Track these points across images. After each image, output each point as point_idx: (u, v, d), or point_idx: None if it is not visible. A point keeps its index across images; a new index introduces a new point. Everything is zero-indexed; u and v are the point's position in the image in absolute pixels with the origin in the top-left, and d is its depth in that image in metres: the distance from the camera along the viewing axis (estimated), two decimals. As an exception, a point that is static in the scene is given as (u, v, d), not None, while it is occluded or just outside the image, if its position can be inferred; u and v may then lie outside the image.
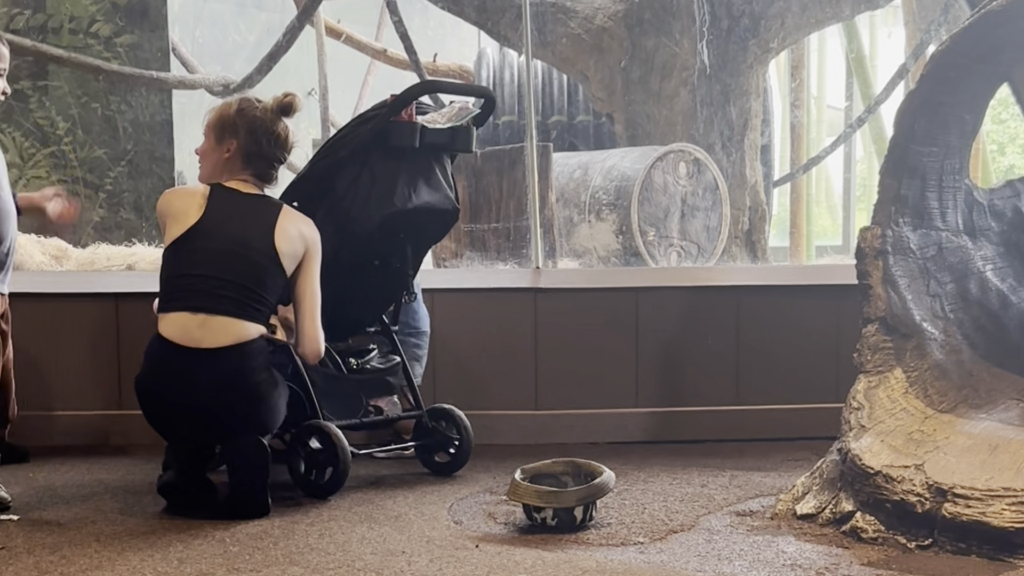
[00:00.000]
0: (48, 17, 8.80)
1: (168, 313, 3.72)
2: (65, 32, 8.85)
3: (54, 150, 8.36)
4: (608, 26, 7.08)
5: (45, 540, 3.43)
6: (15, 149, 8.24)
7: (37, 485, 4.14)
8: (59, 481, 4.20)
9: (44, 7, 8.82)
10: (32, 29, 8.67)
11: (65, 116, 8.32)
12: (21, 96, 8.45)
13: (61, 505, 3.85)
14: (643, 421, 4.91)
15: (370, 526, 3.57)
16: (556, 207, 6.09)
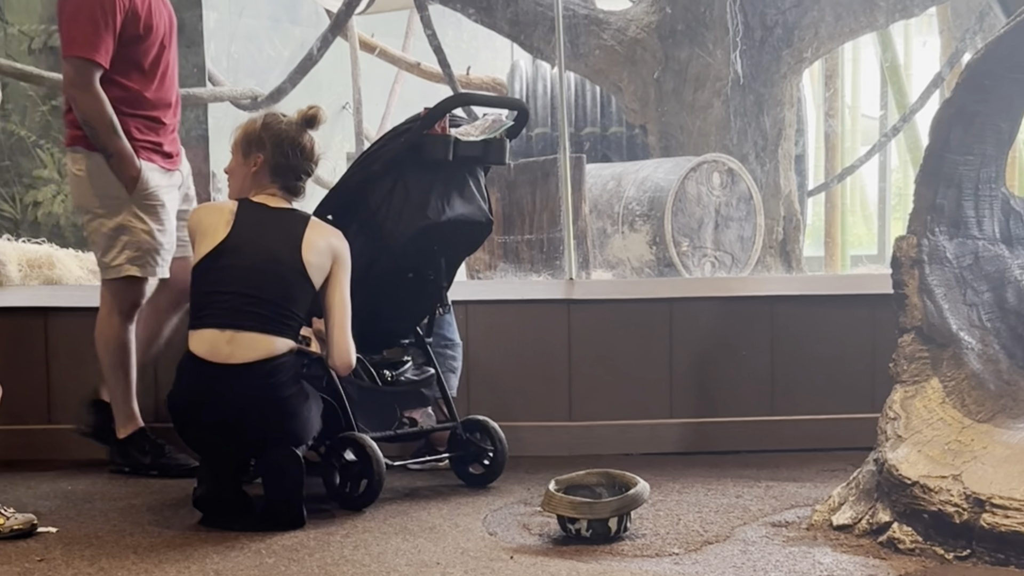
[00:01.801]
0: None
1: (198, 330, 3.74)
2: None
3: (91, 165, 8.43)
4: (641, 38, 7.09)
5: (83, 552, 3.45)
6: (53, 165, 8.31)
7: (75, 498, 4.16)
8: (96, 494, 4.23)
9: (81, 23, 8.89)
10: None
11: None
12: (59, 112, 8.52)
13: (99, 517, 3.87)
14: (677, 432, 4.89)
15: (405, 538, 3.57)
16: (589, 218, 6.09)
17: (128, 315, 4.41)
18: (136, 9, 4.24)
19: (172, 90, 4.45)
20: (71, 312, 4.87)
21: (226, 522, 3.70)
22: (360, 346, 4.02)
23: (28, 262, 5.18)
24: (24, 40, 8.72)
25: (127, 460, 4.51)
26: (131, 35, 4.24)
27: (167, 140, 4.42)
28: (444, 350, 4.56)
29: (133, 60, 4.30)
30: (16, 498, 4.12)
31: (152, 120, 4.37)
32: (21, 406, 4.80)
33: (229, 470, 3.78)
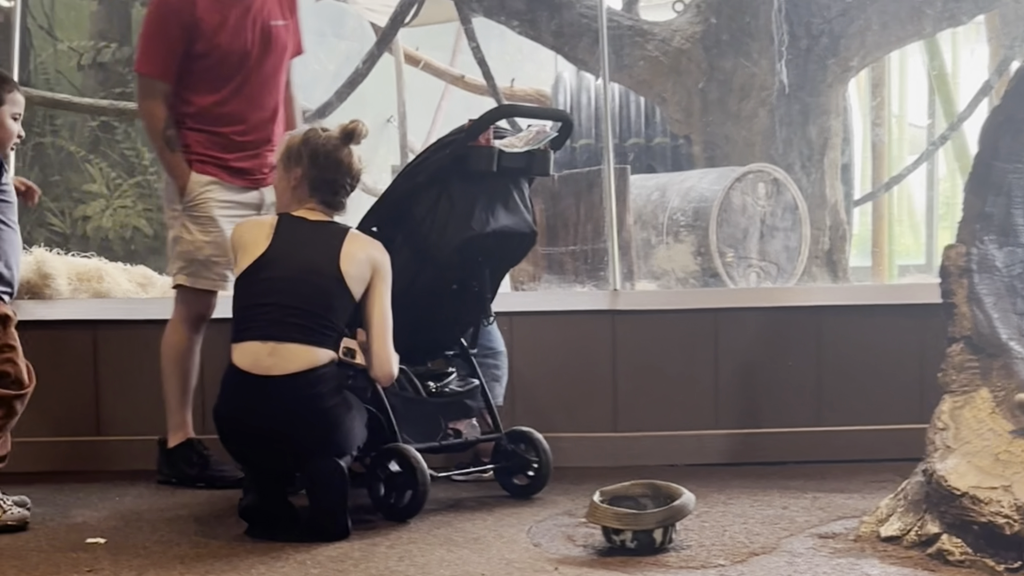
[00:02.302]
0: (134, 50, 8.97)
1: (240, 343, 3.77)
2: (151, 64, 9.00)
3: (140, 180, 8.52)
4: (686, 48, 7.06)
5: (131, 563, 3.48)
6: (102, 179, 8.41)
7: (123, 509, 4.20)
8: (144, 505, 4.26)
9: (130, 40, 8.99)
10: (118, 61, 8.85)
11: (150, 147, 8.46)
12: (107, 128, 8.63)
13: (146, 528, 3.90)
14: (723, 443, 4.87)
15: (449, 548, 3.57)
16: (634, 229, 6.07)
17: (192, 325, 4.49)
18: (201, 27, 4.36)
19: (252, 108, 4.48)
20: (119, 325, 4.93)
21: (271, 533, 3.72)
22: (405, 357, 4.04)
23: (77, 276, 5.22)
24: (74, 56, 8.84)
25: (173, 471, 4.55)
26: (199, 52, 4.37)
27: (237, 156, 4.47)
28: (488, 359, 4.57)
29: (201, 76, 4.42)
30: (65, 508, 4.17)
31: (217, 135, 4.45)
32: (70, 418, 4.87)
33: (274, 481, 3.80)
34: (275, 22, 4.48)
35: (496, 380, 4.58)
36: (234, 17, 4.40)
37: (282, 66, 4.54)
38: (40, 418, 4.64)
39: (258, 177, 4.42)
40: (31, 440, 4.58)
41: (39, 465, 4.69)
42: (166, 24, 4.39)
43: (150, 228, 8.44)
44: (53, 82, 8.58)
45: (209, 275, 4.49)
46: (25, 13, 8.19)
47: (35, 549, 3.64)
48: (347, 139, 3.96)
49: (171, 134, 4.45)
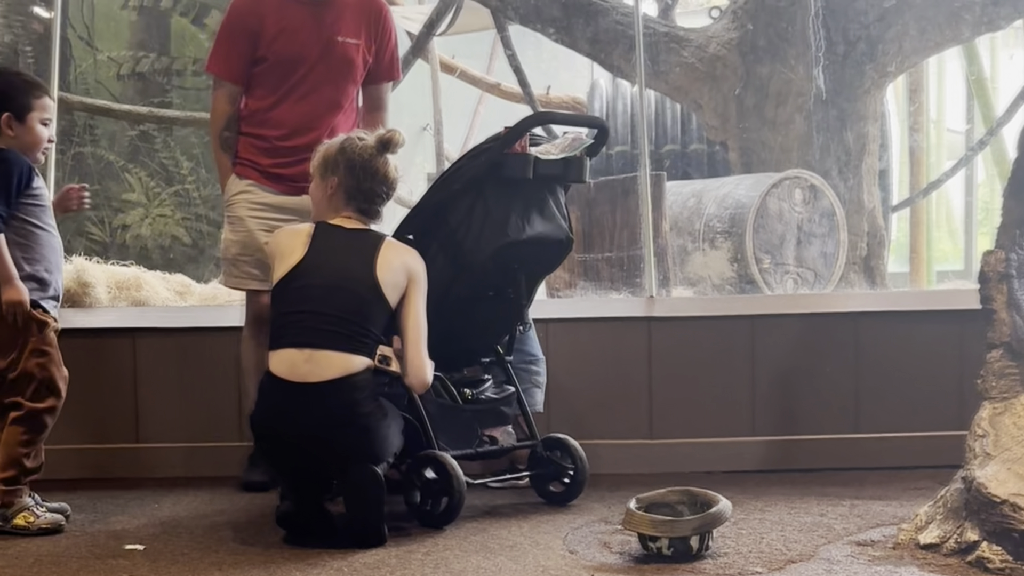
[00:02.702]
0: (172, 60, 9.05)
1: (277, 350, 3.79)
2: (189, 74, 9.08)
3: (178, 189, 8.58)
4: (722, 54, 7.05)
5: (169, 569, 3.50)
6: (141, 188, 8.46)
7: (162, 516, 4.22)
8: (183, 512, 4.29)
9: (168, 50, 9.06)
10: (157, 71, 8.92)
11: (189, 156, 8.53)
12: (147, 137, 8.69)
13: (184, 535, 3.92)
14: (760, 450, 4.85)
15: (485, 556, 3.57)
16: (670, 236, 6.06)
17: (251, 324, 4.56)
18: (264, 33, 4.46)
19: (298, 115, 4.52)
20: (158, 332, 4.96)
21: (308, 540, 3.73)
22: (440, 364, 4.04)
23: (116, 284, 5.26)
24: (113, 66, 8.90)
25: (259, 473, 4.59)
26: (259, 56, 4.49)
27: (276, 162, 4.52)
28: (528, 366, 4.58)
29: (258, 80, 4.54)
30: (104, 515, 4.20)
31: (261, 139, 4.51)
32: (109, 425, 4.90)
33: (311, 488, 3.81)
34: (344, 39, 4.51)
35: (538, 387, 4.59)
36: (296, 25, 4.46)
37: (343, 83, 4.54)
38: (80, 426, 4.69)
39: (300, 185, 4.45)
40: (71, 447, 4.63)
41: (79, 472, 4.73)
42: (233, 27, 4.54)
43: (188, 237, 8.50)
44: (93, 92, 8.65)
45: (237, 273, 4.57)
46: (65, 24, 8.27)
47: (75, 556, 3.67)
48: (383, 148, 3.97)
49: (227, 135, 4.59)
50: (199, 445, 4.89)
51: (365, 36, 4.57)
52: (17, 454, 3.94)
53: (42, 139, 4.03)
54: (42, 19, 8.32)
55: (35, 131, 4.00)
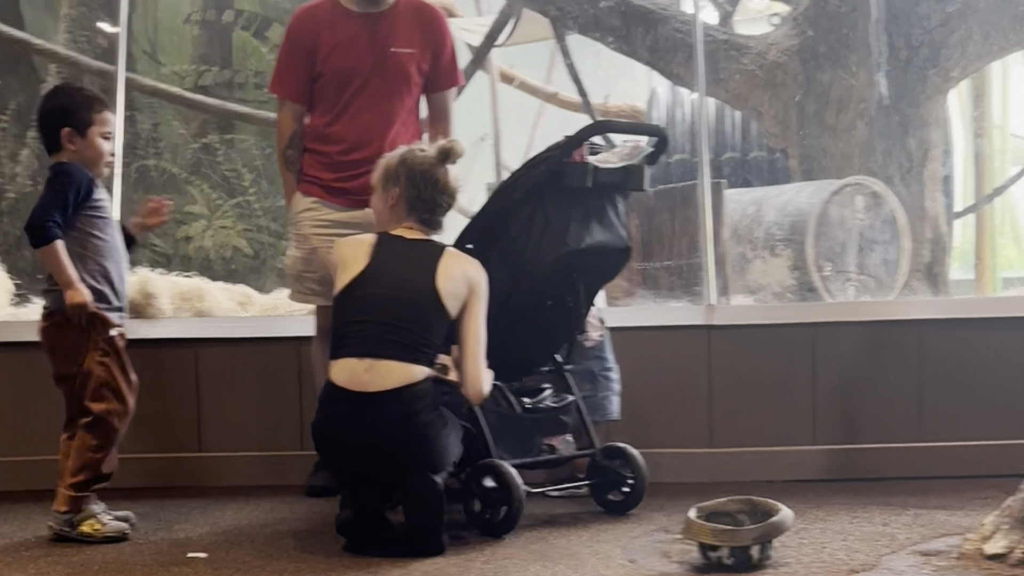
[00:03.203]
0: (234, 73, 9.15)
1: (338, 360, 3.81)
2: (250, 86, 9.18)
3: (240, 200, 8.67)
4: (782, 61, 7.01)
5: (230, 577, 3.53)
6: (203, 200, 8.56)
7: (224, 524, 4.26)
8: (245, 520, 4.32)
9: (231, 63, 9.17)
10: (219, 85, 9.02)
11: (250, 167, 8.62)
12: (209, 150, 8.79)
13: (246, 544, 3.95)
14: (821, 459, 4.81)
15: (544, 564, 3.57)
16: (729, 243, 6.03)
17: (321, 336, 4.58)
18: (320, 50, 4.50)
19: (357, 129, 4.54)
20: (220, 343, 5.01)
21: (368, 548, 3.75)
22: (499, 373, 4.05)
23: (179, 295, 5.32)
24: (176, 80, 9.01)
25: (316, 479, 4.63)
26: (316, 73, 4.53)
27: (338, 177, 4.54)
28: (608, 373, 4.58)
29: (318, 96, 4.58)
30: (167, 523, 4.24)
31: (323, 155, 4.55)
32: (173, 434, 4.96)
33: (371, 497, 3.83)
34: (397, 49, 4.53)
35: (616, 394, 4.59)
36: (349, 39, 4.49)
37: (398, 94, 4.56)
38: (144, 435, 4.74)
39: (362, 198, 4.46)
40: (136, 456, 4.67)
41: (143, 481, 4.78)
42: (290, 46, 4.60)
43: (250, 248, 8.58)
44: (156, 105, 8.76)
45: (302, 289, 4.63)
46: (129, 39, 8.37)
47: (139, 563, 3.71)
48: (444, 158, 3.98)
49: (291, 153, 4.64)
50: (261, 454, 4.93)
51: (420, 44, 4.57)
52: (88, 459, 3.98)
53: (104, 153, 4.07)
54: (107, 34, 8.45)
55: (96, 145, 4.05)
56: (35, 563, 3.74)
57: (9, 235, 7.47)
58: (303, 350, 4.82)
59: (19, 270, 5.68)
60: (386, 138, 4.50)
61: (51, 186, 3.98)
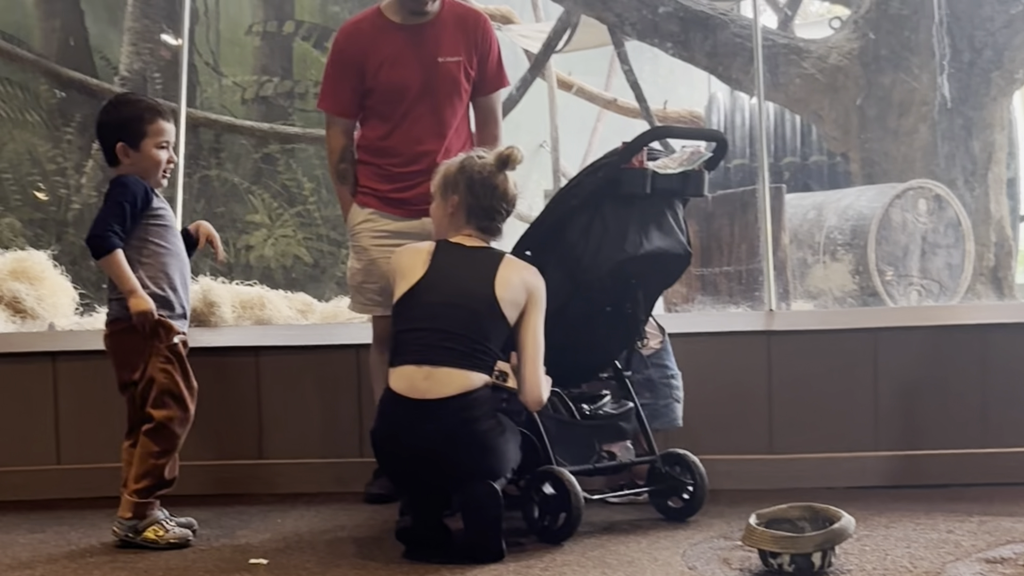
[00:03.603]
0: (295, 83, 9.23)
1: (397, 367, 3.82)
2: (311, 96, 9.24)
3: (300, 209, 8.74)
4: (843, 65, 6.98)
5: (291, 583, 3.56)
6: (264, 209, 8.63)
7: (285, 531, 4.28)
8: (305, 527, 4.34)
9: (291, 74, 9.25)
10: (280, 95, 9.11)
11: (310, 177, 8.68)
12: (270, 159, 8.87)
13: (306, 550, 3.97)
14: (883, 465, 4.76)
15: (603, 571, 3.56)
16: (789, 248, 6.00)
17: (377, 346, 4.61)
18: (367, 64, 4.51)
19: (411, 142, 4.55)
20: (280, 351, 5.04)
21: (427, 555, 3.75)
22: (558, 380, 4.04)
23: (241, 303, 5.38)
24: (238, 91, 9.11)
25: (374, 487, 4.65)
26: (367, 88, 4.54)
27: (395, 187, 4.56)
28: (670, 380, 4.57)
29: (370, 110, 4.59)
30: (229, 530, 4.27)
31: (377, 167, 4.57)
32: (234, 442, 4.99)
33: (430, 504, 3.83)
34: (445, 58, 4.54)
35: (678, 401, 4.57)
36: (396, 53, 4.50)
37: (450, 103, 4.58)
38: (206, 442, 4.78)
39: (420, 208, 4.48)
40: (198, 464, 4.71)
41: (205, 488, 4.82)
42: (337, 62, 4.61)
43: (309, 256, 8.65)
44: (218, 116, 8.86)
45: (362, 300, 4.65)
46: (192, 50, 8.48)
47: (201, 569, 3.74)
48: (503, 165, 3.98)
49: (343, 168, 4.66)
50: (321, 461, 4.95)
51: (466, 51, 4.58)
52: (151, 466, 4.03)
53: (160, 162, 4.11)
54: (170, 46, 8.56)
55: (151, 156, 4.08)
56: (100, 569, 3.78)
57: (75, 245, 7.57)
58: (363, 357, 4.84)
59: (84, 280, 5.76)
60: (440, 148, 4.52)
61: (108, 199, 4.03)
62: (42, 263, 5.50)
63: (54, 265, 5.55)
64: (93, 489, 4.81)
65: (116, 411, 4.20)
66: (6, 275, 5.35)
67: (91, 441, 4.94)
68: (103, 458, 4.73)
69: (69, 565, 3.86)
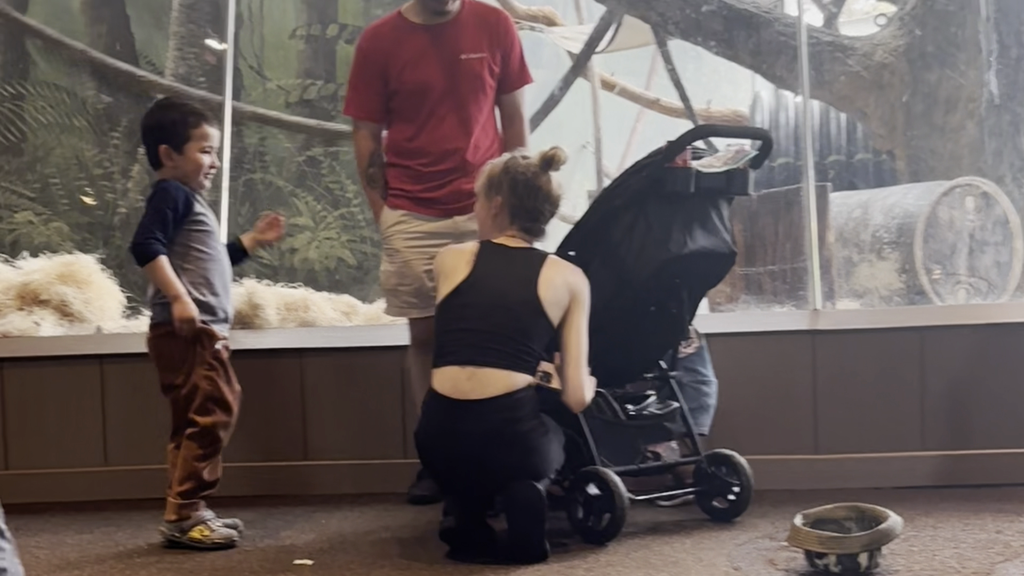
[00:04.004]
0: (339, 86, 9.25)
1: (440, 368, 3.82)
2: (354, 99, 9.26)
3: (344, 212, 8.76)
4: (888, 62, 6.92)
5: (335, 583, 3.57)
6: (308, 212, 8.66)
7: (329, 532, 4.30)
8: (349, 528, 4.36)
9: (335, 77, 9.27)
10: (324, 98, 9.14)
11: (354, 179, 8.69)
12: (313, 162, 8.90)
13: (351, 550, 3.99)
14: (931, 464, 4.71)
15: (648, 572, 3.54)
16: (834, 247, 5.95)
17: (416, 347, 4.63)
18: (391, 67, 4.52)
19: (438, 140, 4.54)
20: (325, 352, 5.06)
21: (471, 555, 3.76)
22: (603, 380, 4.04)
23: (285, 305, 5.39)
24: (282, 94, 9.15)
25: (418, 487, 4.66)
26: (391, 90, 4.54)
27: (425, 187, 4.56)
28: (700, 386, 4.54)
29: (396, 113, 4.59)
30: (274, 531, 4.30)
31: (406, 168, 4.57)
32: (278, 443, 5.02)
33: (474, 504, 3.84)
34: (467, 55, 4.54)
35: (705, 409, 4.54)
36: (419, 53, 4.51)
37: (474, 100, 4.57)
38: (251, 444, 4.81)
39: (452, 207, 4.48)
40: (243, 465, 4.74)
41: (250, 489, 4.85)
42: (361, 67, 4.61)
43: (353, 258, 8.67)
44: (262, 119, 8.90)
45: (397, 303, 4.64)
46: (236, 54, 8.52)
47: (247, 570, 3.76)
48: (547, 166, 3.98)
49: (372, 172, 4.65)
50: (365, 462, 4.96)
51: (489, 48, 4.57)
52: (194, 468, 4.06)
53: (202, 166, 4.14)
54: (214, 50, 8.61)
55: (194, 160, 4.11)
56: (147, 569, 3.81)
57: (121, 249, 7.63)
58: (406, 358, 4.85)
59: (131, 283, 5.80)
60: (468, 145, 4.52)
61: (150, 205, 4.08)
62: (89, 267, 5.54)
63: (101, 269, 5.58)
64: (140, 490, 4.86)
65: (162, 413, 4.23)
66: (54, 279, 5.39)
67: (138, 443, 4.98)
68: (149, 459, 4.77)
69: (116, 565, 3.89)
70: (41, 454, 5.06)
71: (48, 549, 4.16)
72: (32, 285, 5.37)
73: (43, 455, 5.05)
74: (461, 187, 4.45)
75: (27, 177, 8.33)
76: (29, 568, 3.66)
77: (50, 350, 5.09)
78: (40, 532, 4.44)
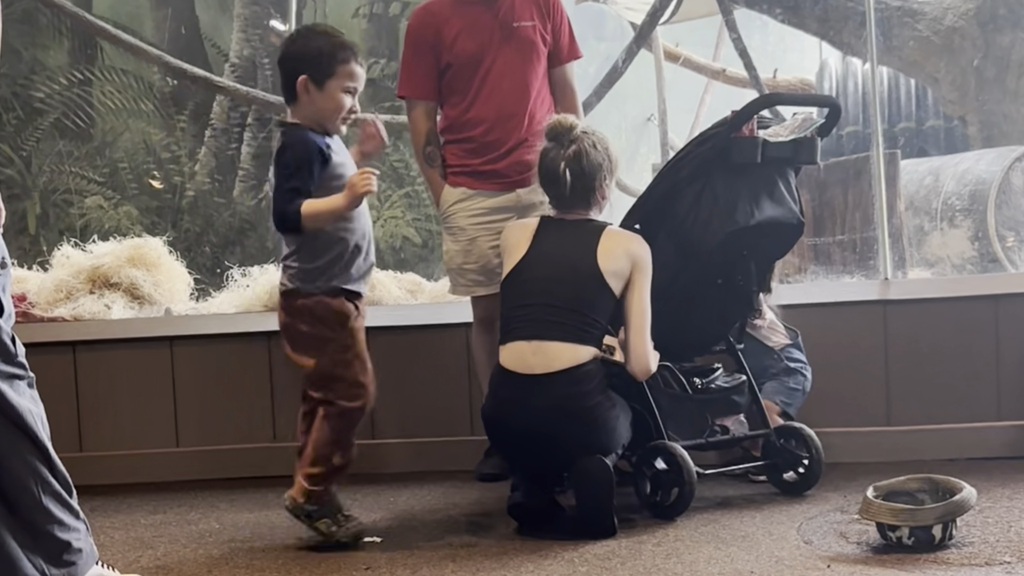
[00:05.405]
0: (401, 66, 9.27)
1: (507, 343, 3.82)
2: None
3: (408, 191, 8.77)
4: (959, 25, 6.81)
5: (406, 561, 3.58)
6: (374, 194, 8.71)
7: (397, 510, 4.31)
8: (417, 505, 4.37)
9: (397, 55, 9.28)
10: (387, 76, 9.14)
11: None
12: (383, 145, 8.94)
13: (419, 528, 4.00)
14: (1006, 435, 4.63)
15: (717, 546, 3.52)
16: (905, 216, 5.86)
17: (480, 325, 4.59)
18: (440, 41, 4.46)
19: (493, 108, 4.47)
20: (391, 331, 5.05)
21: (540, 531, 3.76)
22: (670, 354, 4.01)
23: (352, 284, 5.40)
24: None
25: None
26: (444, 65, 4.48)
27: (484, 160, 4.50)
28: (803, 370, 4.54)
29: (449, 87, 4.52)
30: (343, 509, 4.31)
31: (466, 141, 4.51)
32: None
33: (542, 480, 3.83)
34: (520, 23, 4.50)
35: (803, 392, 4.52)
36: (471, 23, 4.47)
37: (529, 66, 4.53)
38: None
39: (514, 179, 4.44)
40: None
41: (320, 467, 4.86)
42: (414, 45, 4.55)
43: (418, 237, 8.68)
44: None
45: (463, 282, 4.56)
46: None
47: (316, 547, 3.78)
48: (553, 138, 3.99)
49: (430, 150, 4.60)
50: (432, 440, 4.97)
51: (539, 18, 4.53)
52: (325, 452, 3.77)
53: (342, 107, 3.73)
54: (278, 32, 8.64)
55: (335, 98, 3.72)
56: (219, 548, 3.86)
57: (189, 232, 7.71)
58: (472, 335, 4.84)
59: (199, 265, 5.85)
60: (524, 111, 4.47)
61: (280, 162, 3.69)
62: (158, 250, 5.59)
63: (169, 251, 5.63)
64: (211, 471, 4.92)
65: (232, 394, 4.28)
66: (124, 262, 5.45)
67: (208, 424, 5.03)
68: (220, 440, 4.83)
69: (189, 544, 3.94)
70: (114, 436, 5.11)
71: (123, 529, 4.21)
72: (102, 268, 5.43)
73: (116, 437, 5.11)
74: (522, 157, 4.39)
75: (96, 162, 8.42)
76: (104, 548, 3.72)
77: (121, 333, 5.14)
78: (115, 513, 4.49)
